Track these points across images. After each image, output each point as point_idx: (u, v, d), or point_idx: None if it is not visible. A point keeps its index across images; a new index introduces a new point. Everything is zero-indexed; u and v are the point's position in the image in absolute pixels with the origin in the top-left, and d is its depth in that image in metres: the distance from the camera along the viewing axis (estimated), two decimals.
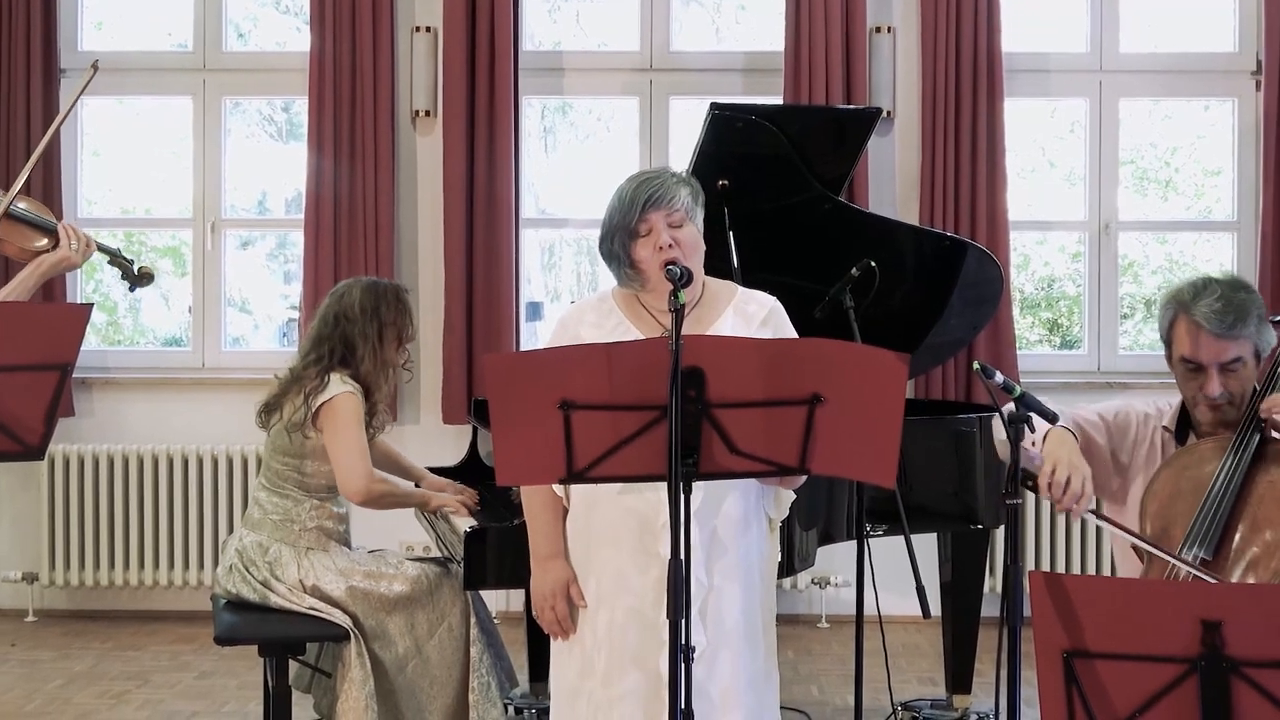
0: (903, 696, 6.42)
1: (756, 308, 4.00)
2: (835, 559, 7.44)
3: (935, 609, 5.18)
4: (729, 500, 3.86)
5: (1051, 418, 3.77)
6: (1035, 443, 3.86)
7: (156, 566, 8.01)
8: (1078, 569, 7.78)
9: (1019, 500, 3.60)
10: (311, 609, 4.97)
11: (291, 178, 8.45)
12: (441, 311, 7.92)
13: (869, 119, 6.10)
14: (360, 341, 5.12)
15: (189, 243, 8.36)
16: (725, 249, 5.39)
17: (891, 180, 8.02)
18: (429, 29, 8.00)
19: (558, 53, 8.41)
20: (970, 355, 7.46)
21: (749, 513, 3.92)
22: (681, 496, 3.33)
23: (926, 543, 5.63)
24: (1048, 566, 7.77)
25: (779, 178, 5.77)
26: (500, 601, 7.73)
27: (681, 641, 3.34)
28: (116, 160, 8.74)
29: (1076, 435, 3.97)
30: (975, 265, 6.05)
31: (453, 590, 5.09)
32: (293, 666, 5.08)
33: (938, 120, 7.79)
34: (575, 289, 9.02)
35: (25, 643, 7.59)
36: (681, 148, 7.92)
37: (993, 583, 7.52)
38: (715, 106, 5.58)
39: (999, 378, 3.75)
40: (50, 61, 8.02)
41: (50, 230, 5.06)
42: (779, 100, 7.80)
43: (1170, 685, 2.73)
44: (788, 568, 4.82)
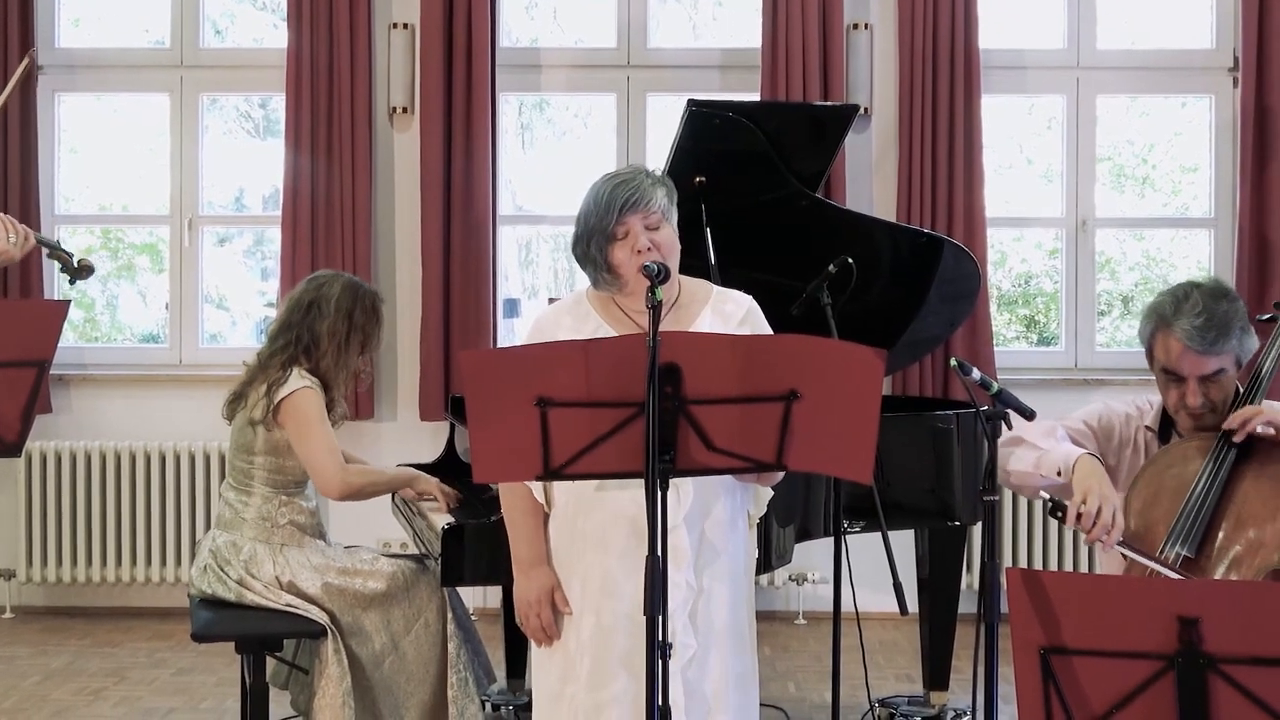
0: (880, 693, 6.44)
1: (734, 307, 3.98)
2: (813, 556, 7.40)
3: (913, 606, 5.18)
4: (719, 503, 3.85)
5: (1029, 415, 3.78)
6: (1062, 471, 3.86)
7: (134, 563, 7.99)
8: (1055, 566, 7.80)
9: (996, 497, 3.60)
10: (288, 605, 4.96)
11: (269, 174, 8.43)
12: (419, 308, 7.91)
13: (846, 116, 6.11)
14: (327, 337, 5.11)
15: (166, 239, 8.34)
16: (702, 246, 5.39)
17: (869, 177, 8.03)
18: (406, 25, 7.99)
19: (535, 49, 8.40)
20: (947, 352, 7.47)
21: (735, 514, 3.91)
22: (658, 493, 3.31)
23: (904, 539, 5.64)
24: (1025, 563, 7.79)
25: (756, 174, 5.77)
26: (478, 598, 7.73)
27: (659, 638, 3.32)
28: (94, 157, 8.70)
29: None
30: (952, 262, 6.06)
31: (429, 586, 5.08)
32: (270, 663, 5.08)
33: (915, 117, 7.80)
34: (553, 286, 9.01)
35: (2, 639, 7.57)
36: (659, 144, 7.92)
37: (970, 579, 7.53)
38: (692, 103, 5.58)
39: (976, 374, 3.76)
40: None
41: None
42: (756, 97, 7.81)
43: (1147, 682, 2.73)
44: (765, 564, 4.80)
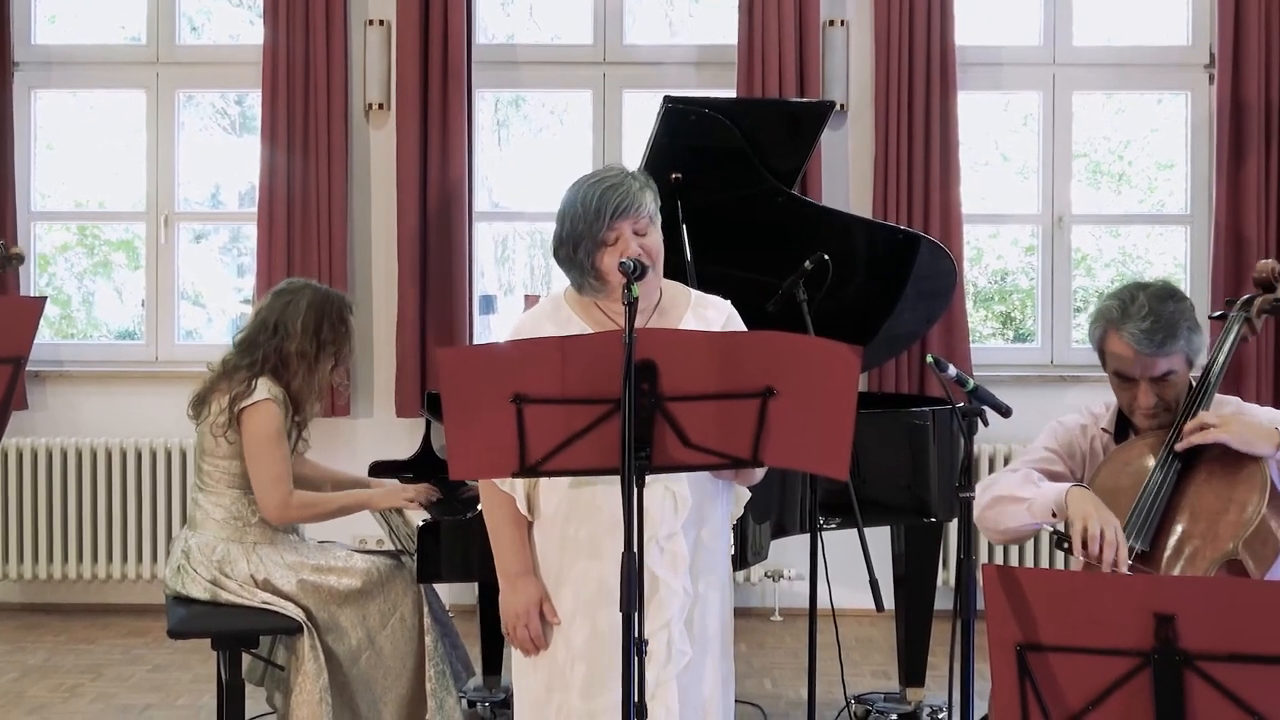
0: (856, 690, 6.44)
1: (715, 313, 3.96)
2: (789, 552, 7.45)
3: (889, 602, 5.18)
4: (714, 510, 3.85)
5: (1005, 411, 3.79)
6: (1056, 510, 3.85)
7: (110, 560, 7.97)
8: (1031, 562, 7.81)
9: (971, 494, 3.61)
10: (265, 603, 4.95)
11: (245, 171, 8.39)
12: (395, 304, 7.90)
13: (822, 112, 6.12)
14: (296, 359, 5.09)
15: (142, 236, 8.32)
16: (679, 242, 5.39)
17: (845, 173, 8.03)
18: (382, 22, 7.97)
19: (511, 46, 8.40)
20: (924, 348, 7.46)
21: (723, 519, 3.92)
22: (634, 489, 3.30)
23: (880, 536, 5.64)
24: (1001, 560, 7.80)
25: (732, 171, 5.77)
26: (454, 595, 7.72)
27: (635, 635, 3.31)
28: (70, 154, 8.67)
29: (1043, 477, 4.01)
30: (928, 258, 6.06)
31: (404, 582, 5.07)
32: (246, 659, 5.07)
33: (891, 113, 7.80)
34: (529, 282, 9.00)
35: None
36: (635, 141, 7.92)
37: (946, 576, 7.55)
38: (669, 100, 5.58)
39: (952, 371, 3.77)
40: (3, 55, 7.95)
41: None
42: (732, 93, 7.81)
43: (1123, 678, 2.74)
44: (741, 561, 4.81)
